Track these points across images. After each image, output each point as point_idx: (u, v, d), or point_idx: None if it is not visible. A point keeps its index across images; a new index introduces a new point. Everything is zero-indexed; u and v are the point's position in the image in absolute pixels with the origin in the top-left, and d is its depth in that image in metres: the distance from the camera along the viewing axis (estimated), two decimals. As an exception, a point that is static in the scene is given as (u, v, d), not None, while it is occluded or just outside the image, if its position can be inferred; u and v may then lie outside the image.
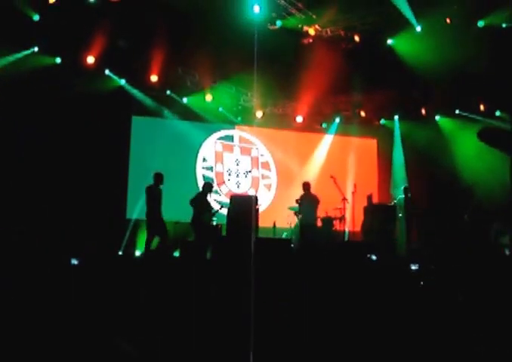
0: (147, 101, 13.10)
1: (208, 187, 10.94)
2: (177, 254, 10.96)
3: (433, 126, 14.69)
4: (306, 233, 10.73)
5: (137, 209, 12.43)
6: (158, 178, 10.14)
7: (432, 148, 13.95)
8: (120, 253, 11.61)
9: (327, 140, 15.12)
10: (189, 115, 13.57)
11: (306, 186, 11.29)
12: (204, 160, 14.04)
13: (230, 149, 14.50)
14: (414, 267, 8.83)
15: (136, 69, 12.54)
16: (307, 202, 11.08)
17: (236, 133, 14.63)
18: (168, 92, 13.30)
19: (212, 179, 13.65)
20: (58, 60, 11.75)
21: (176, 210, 10.95)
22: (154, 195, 9.99)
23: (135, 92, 12.91)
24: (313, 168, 14.44)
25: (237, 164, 14.44)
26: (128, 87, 12.83)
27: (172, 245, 10.89)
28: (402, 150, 14.89)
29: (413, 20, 11.75)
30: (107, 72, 12.48)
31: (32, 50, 11.26)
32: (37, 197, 10.62)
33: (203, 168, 13.95)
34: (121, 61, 12.22)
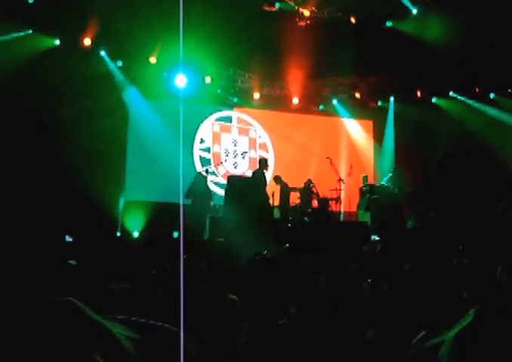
0: (145, 83, 13.15)
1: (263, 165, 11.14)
2: (176, 235, 11.12)
3: (430, 107, 14.76)
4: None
5: (136, 191, 12.62)
6: (264, 163, 10.81)
7: (431, 128, 14.00)
8: (118, 233, 11.71)
9: (324, 122, 15.18)
10: (187, 96, 13.61)
11: (276, 178, 11.84)
12: (201, 141, 14.12)
13: (228, 130, 14.57)
14: None
15: (133, 51, 12.57)
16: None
17: (235, 114, 14.68)
18: (165, 74, 13.34)
19: (209, 161, 13.77)
20: (56, 42, 11.77)
21: (174, 192, 11.06)
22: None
23: (132, 73, 12.95)
24: (310, 149, 14.45)
25: (234, 145, 14.51)
26: (125, 69, 12.89)
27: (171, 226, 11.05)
28: (397, 131, 15.02)
29: (408, 3, 11.80)
30: (103, 53, 12.53)
31: (26, 32, 11.27)
32: (34, 175, 10.70)
33: (200, 149, 14.05)
34: (119, 42, 12.28)
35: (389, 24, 12.66)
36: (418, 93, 14.66)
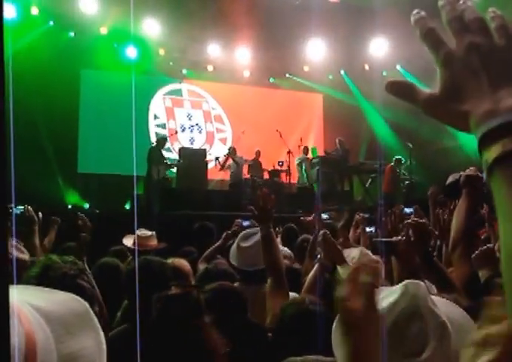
0: (97, 54, 12.97)
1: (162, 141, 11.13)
2: (127, 207, 11.23)
3: (380, 81, 14.99)
4: None
5: (89, 163, 12.60)
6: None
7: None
8: (69, 206, 11.67)
9: (273, 94, 15.20)
10: (139, 68, 13.47)
11: (231, 150, 11.66)
12: (155, 117, 13.99)
13: (180, 104, 14.47)
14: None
15: (85, 22, 12.36)
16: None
17: (184, 86, 14.58)
18: (115, 45, 13.16)
19: (166, 137, 13.69)
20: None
21: (127, 164, 11.03)
22: None
23: (84, 45, 12.71)
24: (259, 121, 14.23)
25: (189, 119, 14.45)
26: (76, 40, 12.68)
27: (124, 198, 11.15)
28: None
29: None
30: (51, 23, 12.28)
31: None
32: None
33: (156, 126, 13.94)
34: (70, 13, 12.09)
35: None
36: (367, 67, 14.88)
